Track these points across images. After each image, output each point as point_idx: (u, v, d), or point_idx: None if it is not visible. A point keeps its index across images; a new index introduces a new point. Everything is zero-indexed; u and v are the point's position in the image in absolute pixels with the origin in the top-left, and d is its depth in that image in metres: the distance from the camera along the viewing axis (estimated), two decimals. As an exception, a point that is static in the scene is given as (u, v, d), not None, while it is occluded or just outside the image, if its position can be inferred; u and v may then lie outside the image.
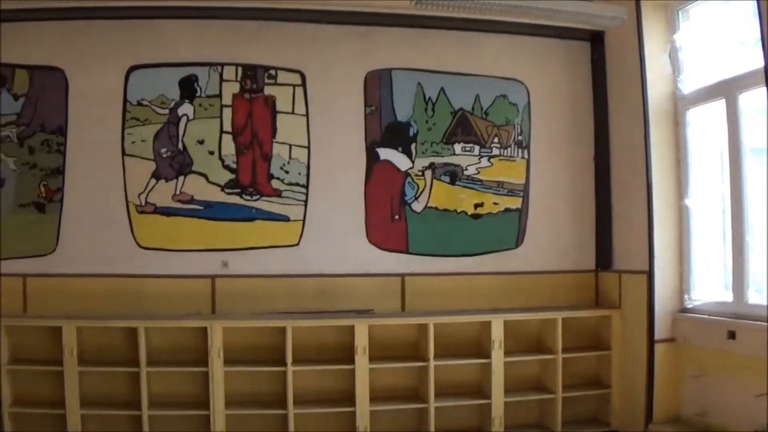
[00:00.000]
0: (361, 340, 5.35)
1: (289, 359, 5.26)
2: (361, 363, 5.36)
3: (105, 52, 5.79)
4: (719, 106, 4.93)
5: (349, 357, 5.36)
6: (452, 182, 5.73)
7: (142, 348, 4.98)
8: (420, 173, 5.70)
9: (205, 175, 5.79)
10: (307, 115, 5.87)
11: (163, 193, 5.74)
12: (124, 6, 5.46)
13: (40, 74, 5.75)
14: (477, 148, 5.77)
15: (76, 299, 5.59)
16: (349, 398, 5.36)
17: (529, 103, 5.82)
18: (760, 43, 4.24)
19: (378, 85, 5.66)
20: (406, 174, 5.70)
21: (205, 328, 5.20)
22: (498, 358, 5.56)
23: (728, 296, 4.92)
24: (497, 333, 5.56)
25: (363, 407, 5.34)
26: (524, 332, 5.80)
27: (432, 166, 5.73)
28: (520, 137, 5.83)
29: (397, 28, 5.70)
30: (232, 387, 5.24)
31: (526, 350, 5.80)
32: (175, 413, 5.24)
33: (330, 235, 5.84)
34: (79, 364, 5.17)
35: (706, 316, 5.10)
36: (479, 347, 5.69)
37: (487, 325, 5.59)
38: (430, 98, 5.70)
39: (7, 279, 5.59)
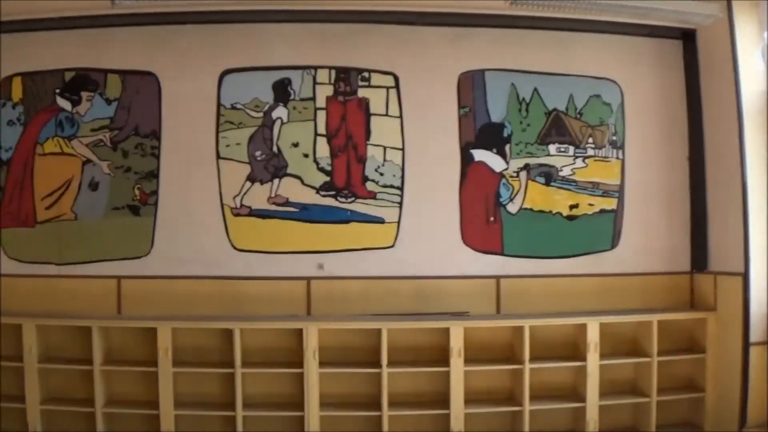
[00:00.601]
0: (457, 343, 5.31)
1: (385, 361, 5.22)
2: (457, 365, 5.31)
3: (197, 56, 5.83)
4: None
5: (443, 359, 5.31)
6: (547, 183, 5.66)
7: (237, 349, 5.03)
8: (515, 174, 5.65)
9: (300, 178, 5.80)
10: (401, 117, 5.84)
11: (258, 196, 5.78)
12: (217, 10, 5.50)
13: (132, 79, 5.81)
14: (572, 148, 5.69)
15: (170, 301, 5.63)
16: (444, 400, 5.31)
17: (622, 103, 5.76)
18: None
19: (471, 87, 5.61)
20: (501, 175, 5.65)
21: (301, 330, 5.20)
22: (593, 361, 5.46)
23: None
24: (593, 335, 5.46)
25: (457, 409, 5.30)
26: (619, 335, 5.71)
27: (527, 167, 5.68)
28: (614, 137, 5.76)
29: (489, 29, 5.67)
30: (326, 388, 5.25)
31: (621, 353, 5.71)
32: (269, 414, 5.26)
33: (425, 237, 5.79)
34: (174, 365, 5.21)
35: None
36: (574, 350, 5.62)
37: (582, 328, 5.50)
38: (523, 99, 5.65)
39: (101, 281, 5.74)
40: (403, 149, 5.80)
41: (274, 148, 5.72)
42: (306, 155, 5.74)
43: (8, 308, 5.63)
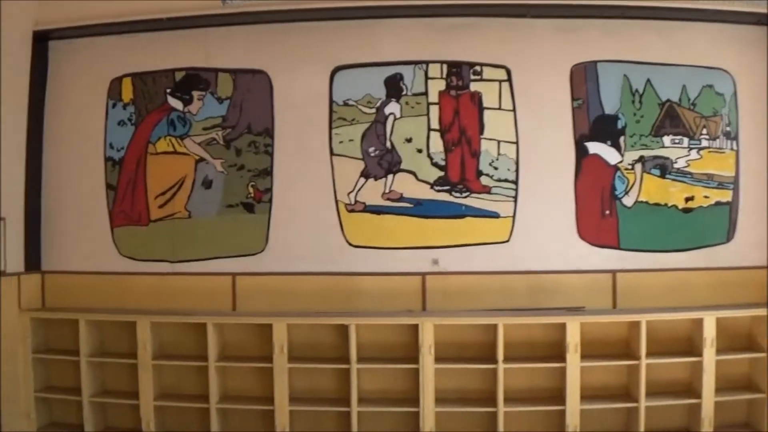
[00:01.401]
0: (573, 338, 5.21)
1: (500, 356, 5.17)
2: (573, 361, 5.20)
3: (309, 53, 5.87)
4: None
5: (558, 355, 5.25)
6: (662, 176, 5.60)
7: (353, 345, 5.01)
8: (630, 167, 5.59)
9: (414, 173, 5.79)
10: (514, 110, 5.81)
11: (372, 192, 5.77)
12: (327, 7, 5.55)
13: (243, 77, 5.86)
14: (686, 140, 5.62)
15: (285, 297, 5.68)
16: (559, 396, 5.25)
17: (735, 93, 5.68)
18: None
19: (584, 78, 5.56)
20: (616, 168, 5.56)
21: (416, 325, 5.08)
22: (709, 356, 5.34)
23: None
24: (709, 330, 5.34)
25: (573, 406, 5.19)
26: (734, 329, 5.57)
27: (641, 160, 5.63)
28: (728, 128, 5.68)
29: (600, 20, 5.60)
30: (441, 384, 5.19)
31: (736, 348, 5.56)
32: (383, 410, 5.25)
33: (540, 232, 5.74)
34: (289, 361, 5.23)
35: None
36: (690, 345, 5.52)
37: (698, 323, 5.37)
38: (636, 90, 5.58)
39: (216, 278, 5.81)
40: (517, 143, 5.77)
41: (388, 144, 5.71)
42: (420, 150, 5.73)
43: (122, 305, 5.78)
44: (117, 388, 5.75)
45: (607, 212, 5.54)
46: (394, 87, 5.75)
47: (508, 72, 5.79)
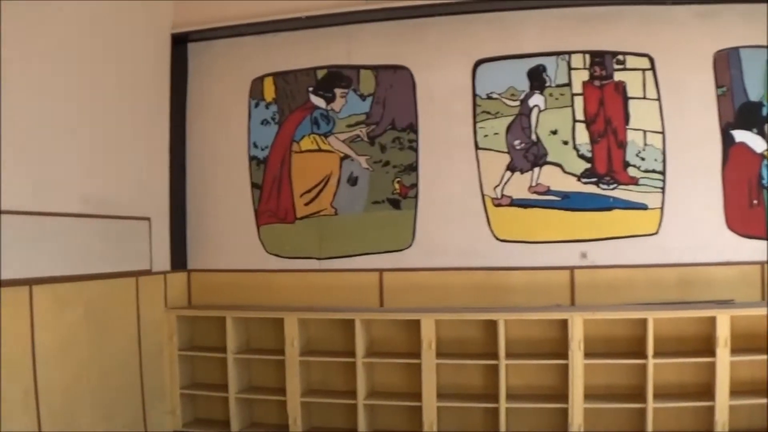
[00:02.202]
0: (723, 332, 5.11)
1: (650, 351, 5.09)
2: (722, 355, 5.12)
3: (450, 47, 5.88)
4: None
5: (708, 349, 5.17)
6: (810, 163, 5.42)
7: (502, 340, 4.94)
8: (776, 155, 5.43)
9: (560, 166, 5.75)
10: (659, 99, 5.73)
11: (518, 185, 5.76)
12: (468, 0, 5.57)
13: (385, 73, 5.90)
14: (833, 125, 5.48)
15: (432, 293, 5.72)
16: (708, 392, 5.17)
17: None
18: None
19: (727, 65, 5.50)
20: (763, 156, 5.45)
21: (565, 320, 5.12)
22: None
23: None
24: None
25: (722, 401, 5.13)
26: None
27: (788, 147, 5.41)
28: None
29: (740, 5, 5.52)
30: (590, 380, 5.15)
31: None
32: (531, 406, 5.24)
33: (688, 223, 5.67)
34: (436, 357, 5.26)
35: None
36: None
37: None
38: (780, 76, 5.44)
39: (363, 274, 5.88)
40: (663, 132, 5.70)
41: (533, 137, 5.69)
42: (565, 142, 5.69)
43: (269, 302, 5.89)
44: (263, 385, 5.88)
45: (755, 202, 5.47)
46: (537, 79, 5.72)
47: (651, 60, 5.72)
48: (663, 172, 5.75)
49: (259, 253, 6.07)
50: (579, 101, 5.76)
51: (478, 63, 5.83)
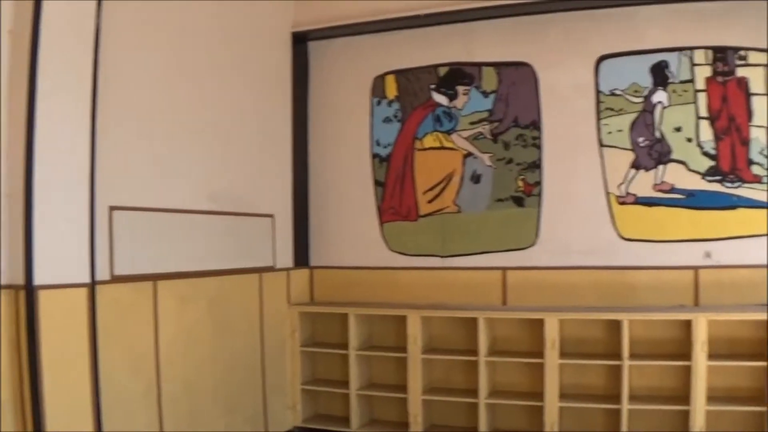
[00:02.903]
0: None
1: (774, 352, 5.02)
2: None
3: (571, 44, 6.97)
4: None
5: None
6: None
7: (625, 341, 5.61)
8: None
9: (684, 163, 6.37)
10: (782, 96, 6.32)
11: (643, 183, 6.39)
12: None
13: (507, 70, 7.20)
14: None
15: (555, 291, 6.49)
16: None
17: None
18: None
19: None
20: None
21: (689, 321, 5.55)
22: None
23: None
24: None
25: None
26: None
27: None
28: None
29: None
30: (713, 382, 5.52)
31: None
32: (653, 408, 5.68)
33: (813, 223, 5.68)
34: (559, 357, 5.86)
35: None
36: None
37: None
38: None
39: (486, 272, 7.14)
40: (787, 130, 5.71)
41: (657, 134, 6.35)
42: (689, 139, 6.32)
43: (391, 300, 7.26)
44: (383, 382, 6.83)
45: None
46: (660, 75, 6.38)
47: (774, 56, 6.32)
48: (788, 171, 6.39)
49: (382, 250, 7.18)
50: (702, 97, 6.30)
51: (601, 59, 6.51)
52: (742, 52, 6.67)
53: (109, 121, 4.90)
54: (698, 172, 6.43)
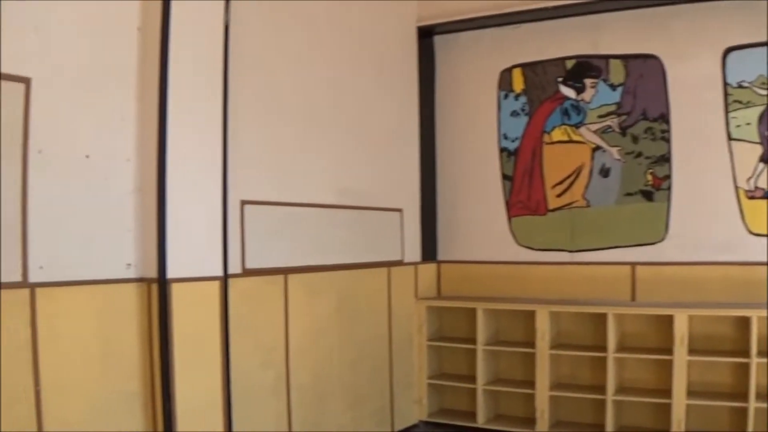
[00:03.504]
0: None
1: None
2: None
3: (698, 35, 7.38)
4: None
5: None
6: None
7: (754, 337, 6.23)
8: None
9: None
10: None
11: None
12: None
13: (634, 63, 8.31)
14: None
15: (685, 287, 7.29)
16: None
17: None
18: None
19: None
20: None
21: None
22: None
23: None
24: None
25: None
26: None
27: None
28: None
29: None
30: None
31: None
32: None
33: None
34: (688, 354, 6.60)
35: None
36: None
37: None
38: None
39: (615, 267, 8.20)
40: None
41: None
42: None
43: (519, 295, 7.98)
44: (510, 377, 7.73)
45: None
46: None
47: None
48: None
49: (510, 245, 8.21)
50: (831, 91, 6.53)
51: (728, 51, 7.21)
52: None
53: (240, 115, 5.52)
54: (830, 167, 6.55)
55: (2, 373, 4.12)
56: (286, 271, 6.26)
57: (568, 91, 8.08)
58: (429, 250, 8.38)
